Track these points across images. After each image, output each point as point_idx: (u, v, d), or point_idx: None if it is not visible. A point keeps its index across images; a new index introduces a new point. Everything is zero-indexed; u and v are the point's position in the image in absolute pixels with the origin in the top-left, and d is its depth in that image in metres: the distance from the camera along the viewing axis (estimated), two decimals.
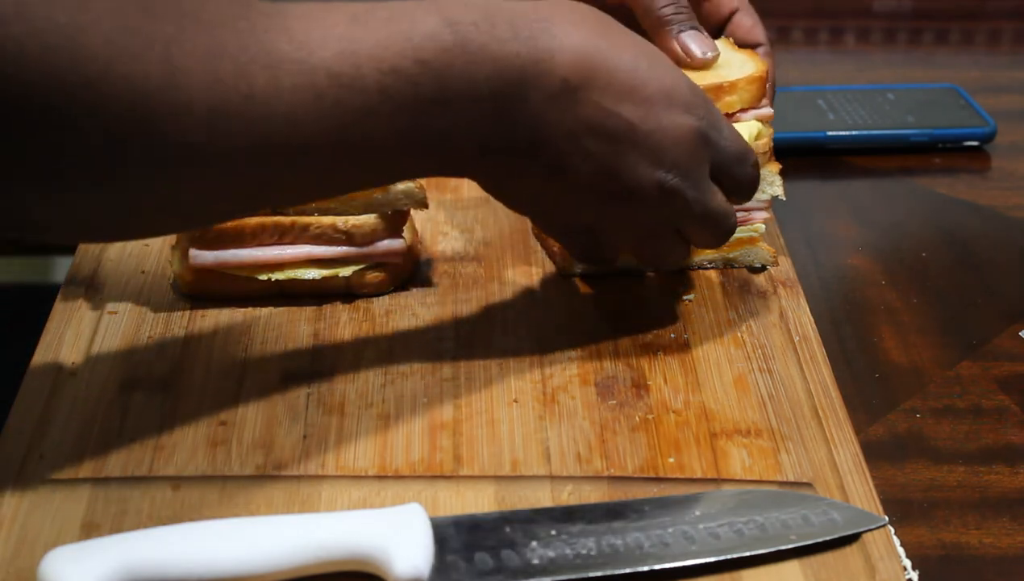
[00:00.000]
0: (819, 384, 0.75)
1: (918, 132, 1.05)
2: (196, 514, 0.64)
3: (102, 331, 0.78)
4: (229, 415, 0.71)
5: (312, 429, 0.71)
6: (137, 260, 0.84)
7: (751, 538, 0.63)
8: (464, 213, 0.91)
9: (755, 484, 0.68)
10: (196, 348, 0.77)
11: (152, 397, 0.73)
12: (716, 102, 0.81)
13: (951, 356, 0.81)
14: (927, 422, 0.75)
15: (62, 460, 0.68)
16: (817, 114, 1.06)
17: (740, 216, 0.84)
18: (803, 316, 0.81)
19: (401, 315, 0.80)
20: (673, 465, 0.69)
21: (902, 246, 0.93)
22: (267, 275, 0.80)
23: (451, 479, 0.68)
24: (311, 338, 0.78)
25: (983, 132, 1.05)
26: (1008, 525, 0.68)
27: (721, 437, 0.71)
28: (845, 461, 0.69)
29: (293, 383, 0.74)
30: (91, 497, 0.66)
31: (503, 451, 0.70)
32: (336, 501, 0.66)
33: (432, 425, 0.71)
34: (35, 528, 0.64)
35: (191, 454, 0.69)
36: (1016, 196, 0.99)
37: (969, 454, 0.73)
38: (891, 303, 0.86)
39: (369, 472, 0.68)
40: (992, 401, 0.77)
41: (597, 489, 0.67)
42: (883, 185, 1.01)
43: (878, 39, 1.29)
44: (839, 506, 0.66)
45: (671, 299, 0.82)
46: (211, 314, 0.80)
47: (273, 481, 0.67)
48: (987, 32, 1.31)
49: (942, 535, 0.67)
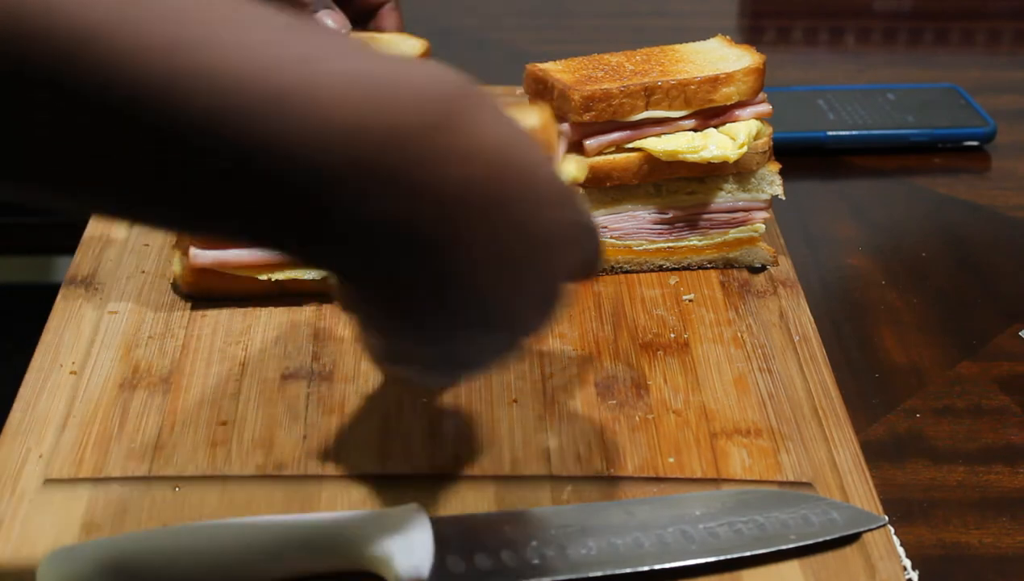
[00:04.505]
0: (819, 384, 0.75)
1: (918, 132, 1.05)
2: (196, 514, 0.64)
3: (102, 331, 0.78)
4: (229, 415, 0.72)
5: (312, 429, 0.71)
6: (137, 260, 0.84)
7: (751, 538, 0.63)
8: None
9: (755, 484, 0.68)
10: (196, 348, 0.77)
11: (152, 397, 0.73)
12: (713, 94, 0.82)
13: (951, 356, 0.81)
14: (927, 422, 0.75)
15: (62, 460, 0.68)
16: (817, 114, 1.06)
17: (740, 216, 0.85)
18: (803, 316, 0.81)
19: None
20: (673, 465, 0.69)
21: (902, 246, 0.93)
22: (267, 275, 0.80)
23: (451, 479, 0.68)
24: (311, 338, 0.78)
25: (983, 132, 1.05)
26: (1008, 525, 0.68)
27: (721, 437, 0.71)
28: (845, 461, 0.69)
29: (293, 383, 0.74)
30: (91, 497, 0.66)
31: (503, 451, 0.70)
32: (336, 501, 0.66)
33: (432, 425, 0.71)
34: (35, 528, 0.64)
35: (191, 454, 0.69)
36: (1016, 196, 0.99)
37: (969, 454, 0.73)
38: (891, 303, 0.86)
39: (369, 472, 0.68)
40: (992, 401, 0.77)
41: (597, 489, 0.67)
42: (883, 185, 1.01)
43: (878, 39, 1.29)
44: (839, 506, 0.66)
45: (671, 299, 0.82)
46: (211, 314, 0.80)
47: (273, 481, 0.67)
48: (987, 32, 1.31)
49: (942, 535, 0.67)
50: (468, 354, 0.54)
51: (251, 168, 0.43)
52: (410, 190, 0.44)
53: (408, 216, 0.45)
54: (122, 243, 0.86)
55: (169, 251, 0.85)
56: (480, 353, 0.55)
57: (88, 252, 0.85)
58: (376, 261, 0.47)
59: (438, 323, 0.50)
